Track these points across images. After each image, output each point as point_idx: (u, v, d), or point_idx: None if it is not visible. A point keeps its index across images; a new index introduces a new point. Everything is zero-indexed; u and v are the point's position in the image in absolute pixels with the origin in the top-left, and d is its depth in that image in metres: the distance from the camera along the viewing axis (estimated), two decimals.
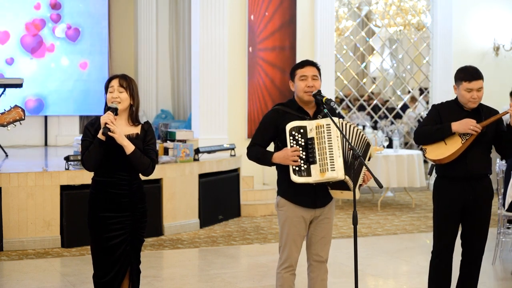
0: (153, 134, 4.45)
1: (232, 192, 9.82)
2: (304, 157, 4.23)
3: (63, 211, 7.72)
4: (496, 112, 4.94)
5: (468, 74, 4.80)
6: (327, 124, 4.23)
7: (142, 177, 4.48)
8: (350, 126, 4.33)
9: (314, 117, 4.42)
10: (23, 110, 4.56)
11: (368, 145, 4.40)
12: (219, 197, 9.40)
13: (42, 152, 11.45)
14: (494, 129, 4.87)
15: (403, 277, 6.85)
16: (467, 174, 4.84)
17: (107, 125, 4.15)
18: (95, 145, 4.21)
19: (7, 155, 9.95)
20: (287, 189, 4.45)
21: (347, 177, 4.21)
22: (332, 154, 4.18)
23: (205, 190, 9.06)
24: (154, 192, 8.35)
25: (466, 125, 4.73)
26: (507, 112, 4.78)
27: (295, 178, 4.24)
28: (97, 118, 4.34)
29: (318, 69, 4.50)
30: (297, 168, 4.24)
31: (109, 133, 4.14)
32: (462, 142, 4.78)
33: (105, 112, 4.29)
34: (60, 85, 12.56)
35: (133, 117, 4.37)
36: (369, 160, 4.42)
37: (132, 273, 4.43)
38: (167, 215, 8.52)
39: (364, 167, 4.29)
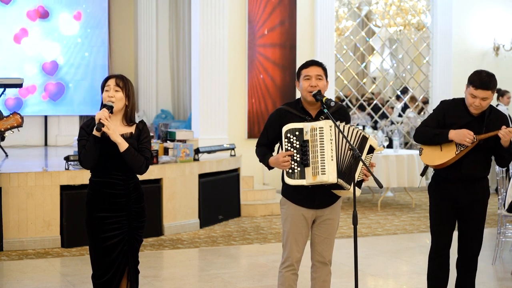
0: (148, 133, 4.46)
1: (232, 192, 9.82)
2: (298, 159, 4.24)
3: (63, 211, 7.72)
4: (504, 116, 4.90)
5: (477, 81, 4.71)
6: (320, 127, 4.22)
7: (142, 177, 4.49)
8: (349, 127, 4.32)
9: (316, 118, 4.42)
10: (21, 117, 4.62)
11: (364, 138, 4.34)
12: (219, 197, 9.40)
13: (42, 152, 11.45)
14: (494, 138, 4.81)
15: (403, 277, 6.85)
16: (461, 177, 4.83)
17: (101, 120, 4.17)
18: (91, 142, 4.22)
19: (7, 155, 9.95)
20: (288, 189, 4.46)
21: (340, 180, 4.21)
22: (324, 157, 4.18)
23: (205, 190, 9.06)
24: (154, 192, 8.35)
25: (463, 137, 4.71)
26: (502, 134, 4.71)
27: (289, 181, 4.27)
28: (93, 118, 4.36)
29: (324, 69, 4.50)
30: (290, 171, 4.25)
31: (102, 128, 4.16)
32: (456, 153, 4.76)
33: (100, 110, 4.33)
34: (61, 85, 12.56)
35: (128, 118, 4.38)
36: (372, 152, 4.38)
37: (130, 273, 4.43)
38: (167, 215, 8.52)
39: (357, 166, 4.27)
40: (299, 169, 4.24)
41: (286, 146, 4.27)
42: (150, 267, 6.88)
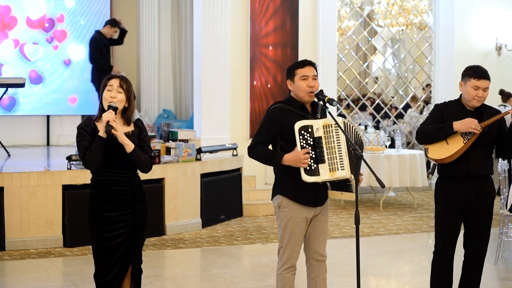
0: (147, 131, 4.50)
1: (234, 191, 9.82)
2: (314, 156, 4.24)
3: (65, 210, 7.73)
4: (498, 112, 4.93)
5: (477, 72, 4.81)
6: (335, 124, 4.25)
7: (144, 177, 4.49)
8: (350, 125, 4.35)
9: (313, 115, 4.43)
10: None
11: (362, 144, 4.43)
12: (221, 196, 9.40)
13: (44, 152, 11.45)
14: (496, 129, 4.87)
15: (405, 277, 6.85)
16: (469, 174, 4.83)
17: (109, 123, 4.16)
18: (98, 143, 4.20)
19: (9, 155, 9.95)
20: (292, 189, 4.43)
21: (352, 176, 4.23)
22: (341, 153, 4.22)
23: (207, 190, 9.06)
24: (156, 191, 8.36)
25: (468, 124, 4.74)
26: (509, 112, 4.79)
27: (307, 178, 4.24)
28: (89, 119, 4.35)
29: (317, 70, 4.51)
30: (308, 168, 4.24)
31: (112, 131, 4.15)
32: (464, 142, 4.78)
33: (99, 110, 4.32)
34: (62, 84, 12.56)
35: (128, 119, 4.38)
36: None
37: (134, 272, 4.43)
38: (169, 215, 8.52)
39: (359, 167, 4.33)
40: (315, 165, 4.24)
41: (302, 144, 4.25)
42: (152, 266, 6.88)
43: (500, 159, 6.90)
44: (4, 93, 10.38)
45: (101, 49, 10.68)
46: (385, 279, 6.72)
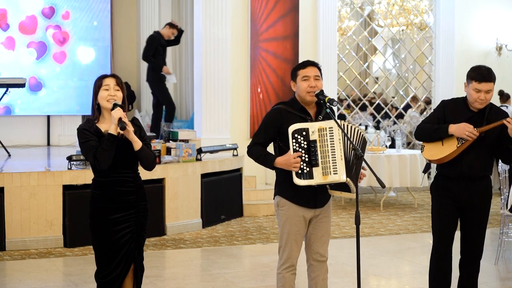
0: (144, 130, 4.52)
1: (234, 192, 9.83)
2: (307, 159, 4.23)
3: (66, 210, 7.73)
4: (504, 113, 4.91)
5: (479, 75, 4.75)
6: (329, 127, 4.23)
7: (144, 177, 4.49)
8: (350, 126, 4.34)
9: (316, 118, 4.43)
10: None
11: (364, 142, 4.41)
12: (222, 197, 9.41)
13: (44, 152, 11.45)
14: (497, 132, 4.83)
15: (406, 277, 6.85)
16: (462, 175, 4.83)
17: (122, 119, 4.16)
18: (109, 141, 4.19)
19: (9, 155, 9.95)
20: (288, 190, 4.44)
21: (348, 179, 4.22)
22: (335, 157, 4.19)
23: (207, 190, 9.07)
24: (157, 192, 8.36)
25: (462, 130, 4.72)
26: (502, 122, 4.72)
27: (298, 181, 4.25)
28: (89, 120, 4.35)
29: (320, 70, 4.51)
30: (300, 171, 4.24)
31: (127, 127, 4.15)
32: (458, 145, 4.77)
33: (95, 110, 4.35)
34: (62, 85, 12.56)
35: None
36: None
37: (137, 270, 4.44)
38: (169, 215, 8.52)
39: (361, 165, 4.32)
40: (307, 169, 4.23)
41: (294, 147, 4.25)
42: (153, 267, 6.88)
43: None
44: (5, 93, 10.37)
45: (156, 48, 10.84)
46: (386, 279, 6.72)
